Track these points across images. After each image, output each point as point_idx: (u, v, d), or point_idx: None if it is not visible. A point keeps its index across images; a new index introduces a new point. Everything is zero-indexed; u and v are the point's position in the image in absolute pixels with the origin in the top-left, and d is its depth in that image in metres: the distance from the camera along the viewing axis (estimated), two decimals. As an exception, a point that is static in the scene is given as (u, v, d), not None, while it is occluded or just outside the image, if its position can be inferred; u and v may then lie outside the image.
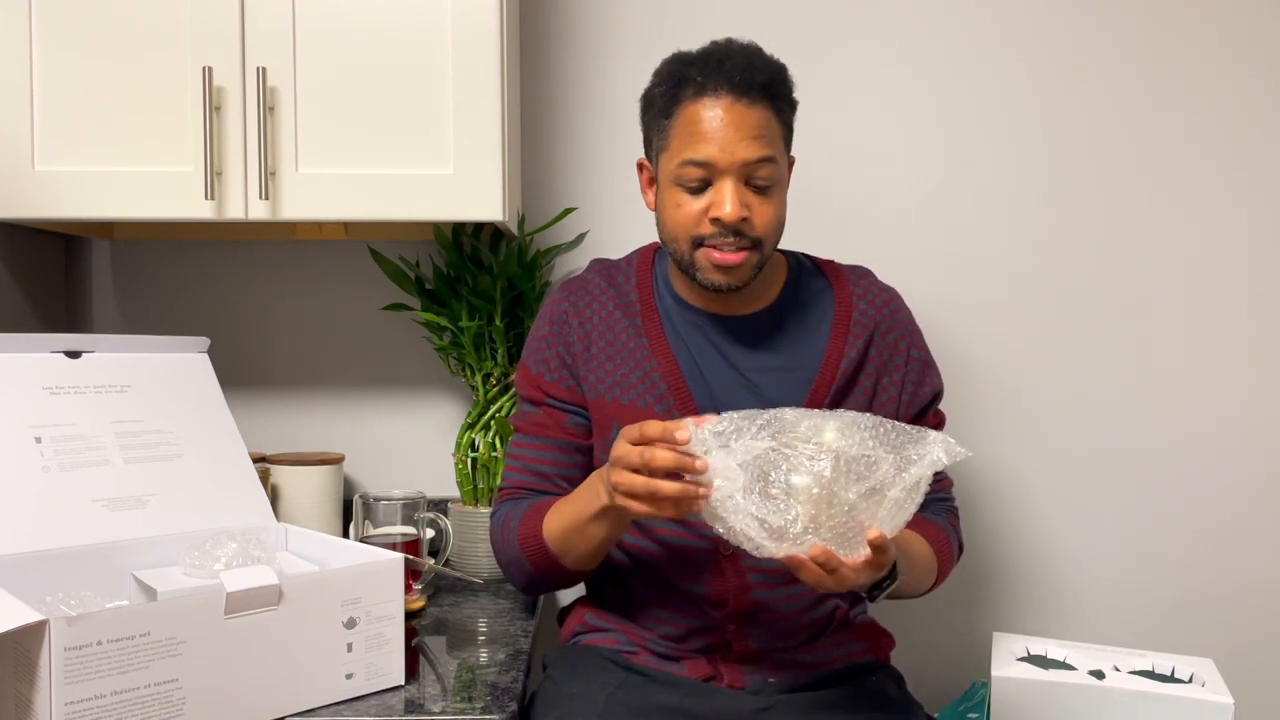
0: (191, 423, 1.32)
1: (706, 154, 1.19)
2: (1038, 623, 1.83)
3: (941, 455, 1.02)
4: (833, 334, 1.31)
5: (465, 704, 1.11)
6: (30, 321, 1.66)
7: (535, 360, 1.34)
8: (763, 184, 1.21)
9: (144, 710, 0.95)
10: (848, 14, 1.78)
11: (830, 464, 1.00)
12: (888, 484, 1.01)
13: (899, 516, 1.03)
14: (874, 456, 1.02)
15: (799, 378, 1.29)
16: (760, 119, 1.20)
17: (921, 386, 1.34)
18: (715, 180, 1.20)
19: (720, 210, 1.19)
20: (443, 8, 1.43)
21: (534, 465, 1.33)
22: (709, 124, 1.19)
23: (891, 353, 1.33)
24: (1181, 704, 1.31)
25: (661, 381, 1.28)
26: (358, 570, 1.11)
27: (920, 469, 1.02)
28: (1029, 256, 1.81)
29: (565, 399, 1.32)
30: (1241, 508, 1.82)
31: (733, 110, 1.19)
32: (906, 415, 1.33)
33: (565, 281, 1.39)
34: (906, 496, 1.02)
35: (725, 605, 1.26)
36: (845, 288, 1.34)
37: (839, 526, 1.01)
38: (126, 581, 1.16)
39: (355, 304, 1.80)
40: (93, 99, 1.42)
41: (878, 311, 1.33)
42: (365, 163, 1.44)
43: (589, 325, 1.32)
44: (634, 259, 1.38)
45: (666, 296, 1.33)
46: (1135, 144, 1.79)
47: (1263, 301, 1.80)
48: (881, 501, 1.01)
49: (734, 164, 1.18)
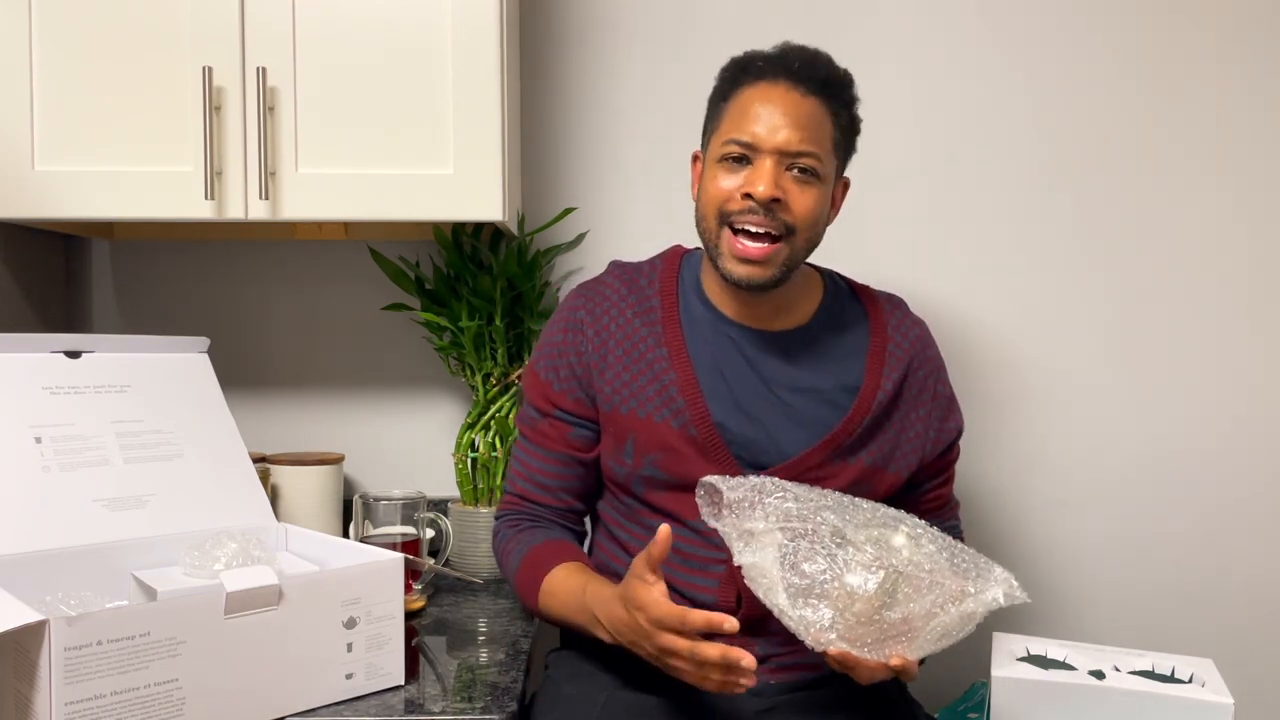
0: (191, 423, 1.32)
1: (751, 131, 1.19)
2: (1038, 623, 1.83)
3: (1000, 597, 0.99)
4: (869, 364, 1.29)
5: (465, 704, 1.11)
6: (30, 321, 1.66)
7: (545, 366, 1.32)
8: (804, 173, 1.19)
9: (144, 710, 0.95)
10: (844, 12, 1.78)
11: (880, 577, 0.97)
12: (936, 611, 0.98)
13: (941, 641, 1.00)
14: (929, 581, 0.99)
15: (833, 403, 1.27)
16: (811, 111, 1.19)
17: (946, 423, 1.34)
18: (755, 160, 1.19)
19: (754, 187, 1.18)
20: (443, 8, 1.43)
21: (535, 475, 1.33)
22: (759, 106, 1.19)
23: (921, 389, 1.32)
24: (1181, 704, 1.30)
25: (678, 395, 1.25)
26: (358, 570, 1.11)
27: (975, 604, 0.99)
28: (1028, 256, 1.80)
29: (572, 411, 1.31)
30: (1242, 508, 1.82)
31: (786, 97, 1.19)
32: (933, 453, 1.32)
33: (582, 285, 1.36)
34: (954, 625, 0.99)
35: (734, 614, 1.24)
36: (880, 316, 1.33)
37: (870, 634, 0.98)
38: (126, 581, 1.16)
39: (355, 304, 1.80)
40: (93, 99, 1.42)
41: (911, 345, 1.32)
42: (365, 163, 1.44)
43: (605, 333, 1.29)
44: (658, 263, 1.35)
45: (696, 303, 1.30)
46: (1137, 143, 1.79)
47: (1263, 302, 1.80)
48: (925, 624, 0.98)
49: (775, 145, 1.18)
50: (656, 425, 1.25)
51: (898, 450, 1.29)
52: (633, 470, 1.27)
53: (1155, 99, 1.78)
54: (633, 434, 1.26)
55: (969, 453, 1.81)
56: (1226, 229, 1.80)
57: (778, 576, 0.99)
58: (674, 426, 1.24)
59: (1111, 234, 1.80)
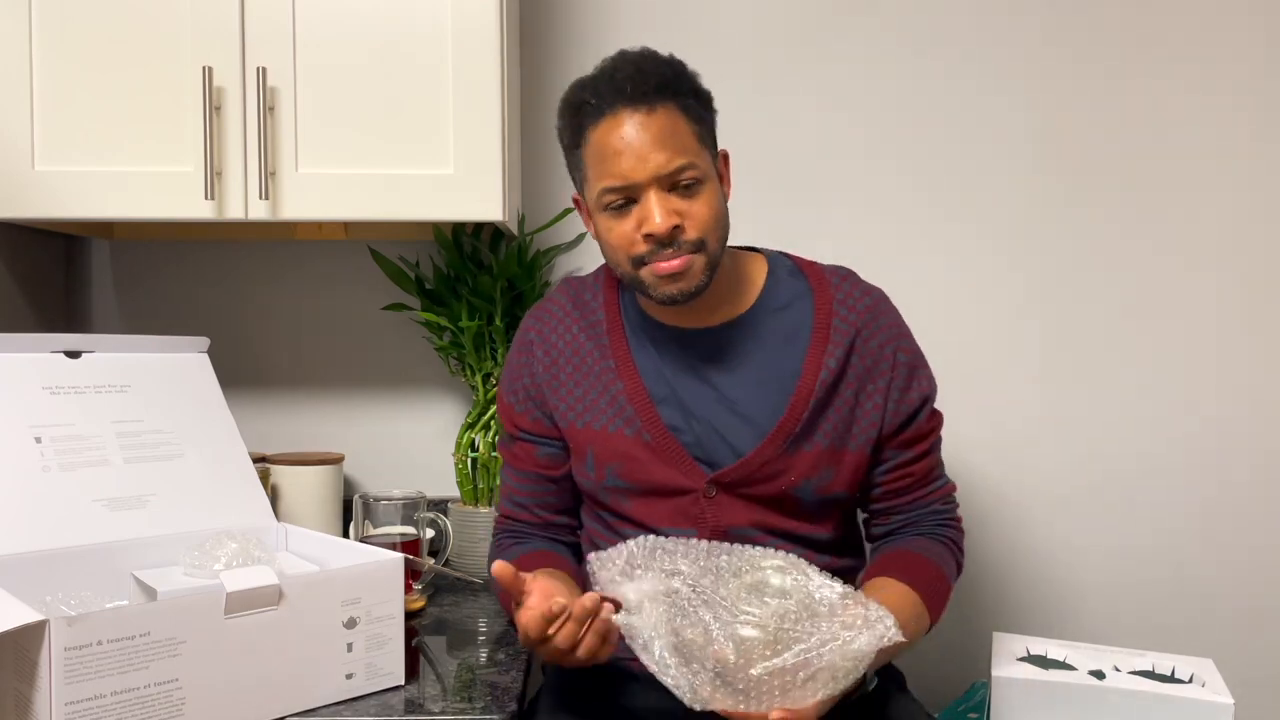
0: (191, 423, 1.32)
1: (619, 173, 1.14)
2: (1038, 623, 1.83)
3: (871, 641, 0.97)
4: (811, 343, 1.24)
5: (465, 704, 1.11)
6: (30, 321, 1.66)
7: (506, 389, 1.34)
8: (688, 186, 1.16)
9: (144, 710, 0.95)
10: (839, 8, 1.78)
11: (756, 634, 0.97)
12: (813, 660, 0.97)
13: (832, 685, 0.98)
14: (798, 632, 0.97)
15: (776, 391, 1.23)
16: (663, 124, 1.14)
17: (908, 392, 1.26)
18: (638, 196, 1.15)
19: (650, 224, 1.14)
20: (443, 8, 1.43)
21: (514, 495, 1.35)
22: (615, 144, 1.14)
23: (875, 359, 1.25)
24: (1181, 704, 1.30)
25: (628, 404, 1.24)
26: (358, 570, 1.11)
27: (862, 643, 0.97)
28: (1028, 256, 1.80)
29: (533, 431, 1.31)
30: (1242, 508, 1.82)
31: (633, 122, 1.14)
32: (893, 424, 1.26)
33: (535, 306, 1.36)
34: (842, 668, 0.98)
35: None
36: (825, 292, 1.27)
37: (752, 688, 0.97)
38: (126, 581, 1.16)
39: (355, 304, 1.80)
40: (93, 99, 1.42)
41: (858, 316, 1.25)
42: (365, 163, 1.44)
43: (554, 351, 1.29)
44: (600, 275, 1.33)
45: (634, 314, 1.29)
46: (1136, 142, 1.79)
47: (1264, 301, 1.80)
48: (807, 670, 0.97)
49: (649, 176, 1.14)
50: (611, 436, 1.25)
51: (854, 426, 1.24)
52: (596, 482, 1.27)
53: (1155, 96, 1.78)
54: (590, 447, 1.26)
55: (969, 454, 1.81)
56: (1229, 229, 1.80)
57: (654, 638, 0.99)
58: (628, 434, 1.24)
59: (1115, 234, 1.80)
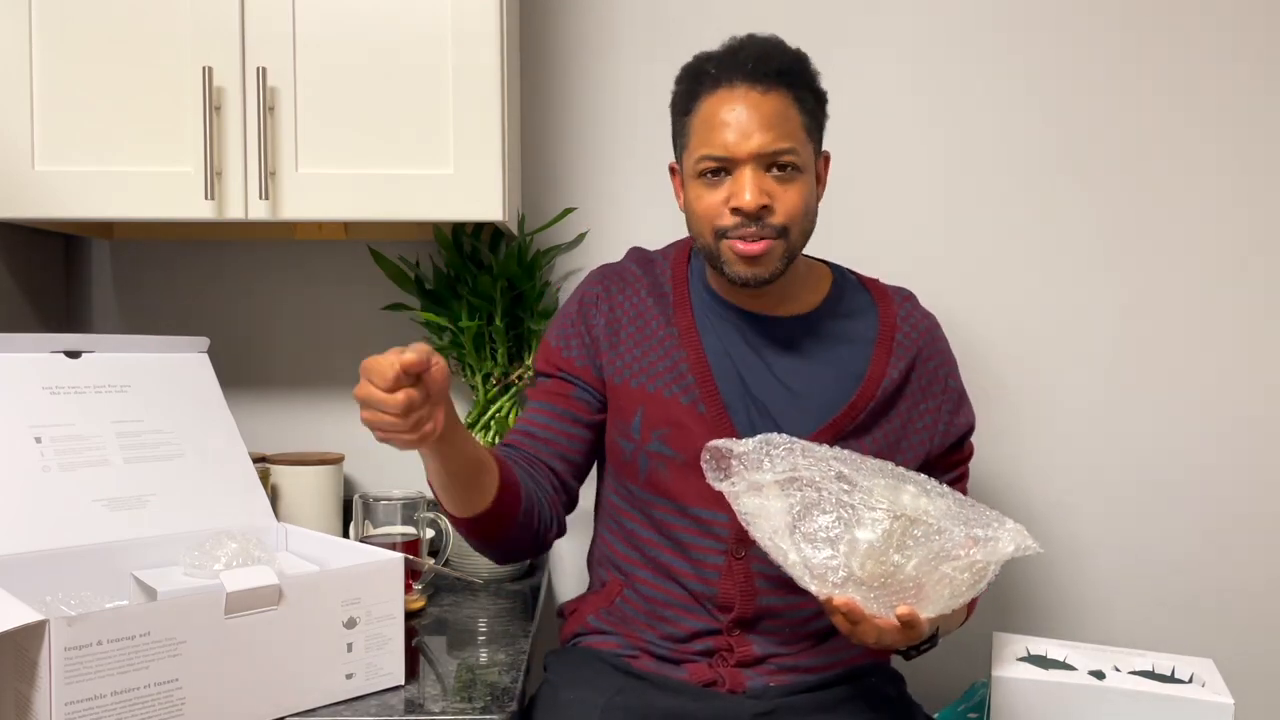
0: (191, 423, 1.32)
1: (722, 144, 1.18)
2: (1038, 623, 1.83)
3: (1010, 548, 0.96)
4: (876, 351, 1.29)
5: (465, 704, 1.11)
6: (30, 321, 1.66)
7: (556, 336, 1.35)
8: (784, 172, 1.19)
9: (144, 710, 0.95)
10: (847, 13, 1.78)
11: (888, 523, 0.95)
12: (945, 558, 0.96)
13: (954, 599, 0.97)
14: (937, 527, 0.96)
15: (837, 388, 1.27)
16: (776, 107, 1.19)
17: (956, 417, 1.33)
18: (734, 170, 1.19)
19: (740, 199, 1.18)
20: (443, 8, 1.43)
21: (526, 427, 1.31)
22: (724, 115, 1.19)
23: (931, 380, 1.32)
24: (1181, 704, 1.31)
25: (689, 373, 1.27)
26: (358, 570, 1.11)
27: (985, 555, 0.96)
28: (1029, 257, 1.81)
29: (578, 375, 1.32)
30: (1242, 508, 1.82)
31: (747, 99, 1.18)
32: (941, 445, 1.32)
33: (602, 266, 1.39)
34: (965, 581, 0.96)
35: (732, 609, 1.25)
36: (890, 307, 1.33)
37: (877, 583, 0.96)
38: (126, 581, 1.16)
39: (355, 304, 1.80)
40: (93, 99, 1.42)
41: (920, 336, 1.32)
42: (365, 163, 1.44)
43: (619, 310, 1.32)
44: (670, 251, 1.38)
45: (702, 291, 1.32)
46: (1138, 143, 1.79)
47: (1265, 302, 1.80)
48: (933, 577, 0.96)
49: (749, 152, 1.18)
50: (666, 401, 1.26)
51: (904, 439, 1.29)
52: (639, 445, 1.27)
53: (1172, 95, 1.78)
54: (641, 407, 1.27)
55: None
56: (1237, 230, 1.80)
57: (782, 522, 0.97)
58: (683, 402, 1.26)
59: (1116, 233, 1.80)
